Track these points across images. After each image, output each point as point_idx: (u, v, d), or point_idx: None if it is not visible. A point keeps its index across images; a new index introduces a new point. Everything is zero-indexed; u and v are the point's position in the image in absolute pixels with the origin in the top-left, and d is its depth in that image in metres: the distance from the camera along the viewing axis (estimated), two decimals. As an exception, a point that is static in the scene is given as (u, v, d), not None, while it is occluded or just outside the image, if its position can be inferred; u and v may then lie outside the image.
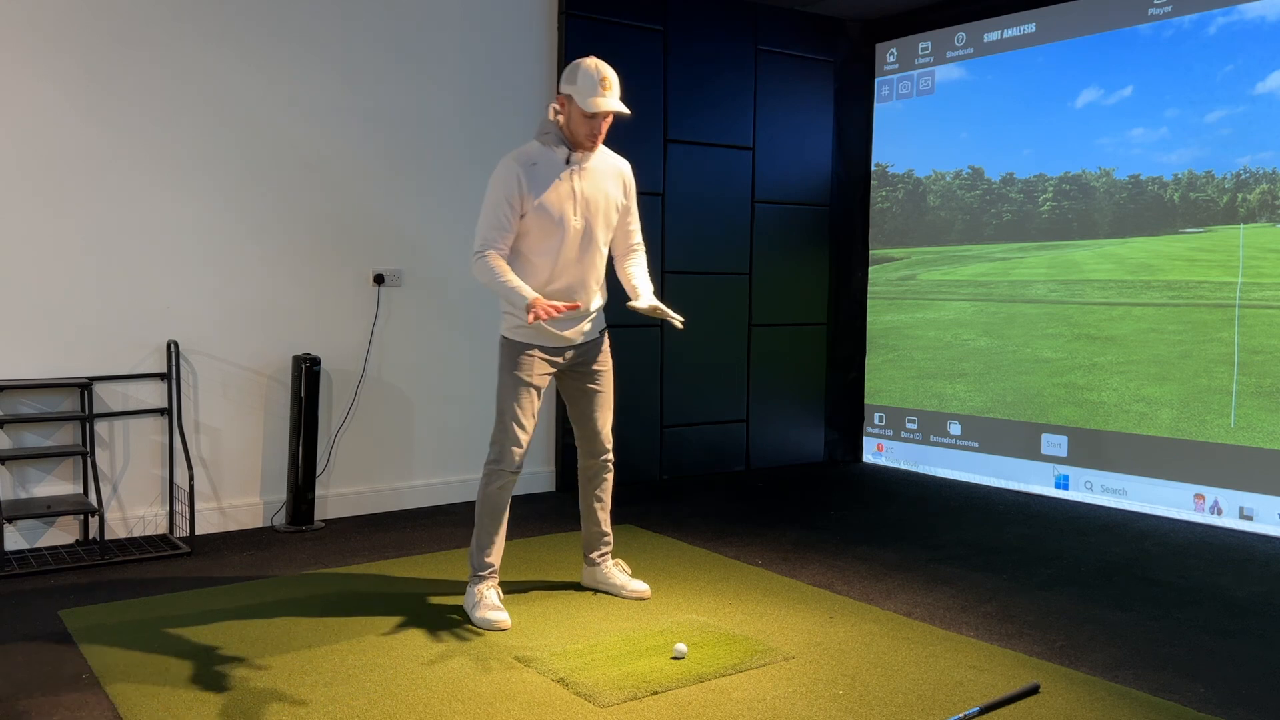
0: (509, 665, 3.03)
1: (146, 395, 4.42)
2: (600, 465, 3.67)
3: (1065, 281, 5.49)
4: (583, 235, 3.38)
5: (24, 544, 4.20)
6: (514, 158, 3.33)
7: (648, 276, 3.56)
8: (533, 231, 3.33)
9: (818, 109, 6.32)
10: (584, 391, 3.57)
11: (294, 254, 4.74)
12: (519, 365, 3.41)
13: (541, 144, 3.36)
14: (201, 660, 3.05)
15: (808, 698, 2.83)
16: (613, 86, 3.28)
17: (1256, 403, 4.71)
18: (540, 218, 3.31)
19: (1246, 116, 4.75)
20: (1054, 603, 3.68)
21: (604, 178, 3.43)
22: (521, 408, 3.41)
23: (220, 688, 2.85)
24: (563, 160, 3.34)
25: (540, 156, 3.34)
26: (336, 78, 4.78)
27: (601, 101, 3.25)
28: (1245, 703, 2.84)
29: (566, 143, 3.35)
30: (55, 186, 4.18)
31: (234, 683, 2.89)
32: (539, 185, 3.30)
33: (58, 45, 4.15)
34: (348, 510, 4.91)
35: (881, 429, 6.40)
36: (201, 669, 2.98)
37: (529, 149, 3.36)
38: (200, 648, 3.15)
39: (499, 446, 3.43)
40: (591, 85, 3.24)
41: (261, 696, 2.80)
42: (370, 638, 3.25)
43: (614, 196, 3.46)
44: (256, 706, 2.73)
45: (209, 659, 3.06)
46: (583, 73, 3.26)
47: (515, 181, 3.28)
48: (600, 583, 3.74)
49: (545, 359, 3.45)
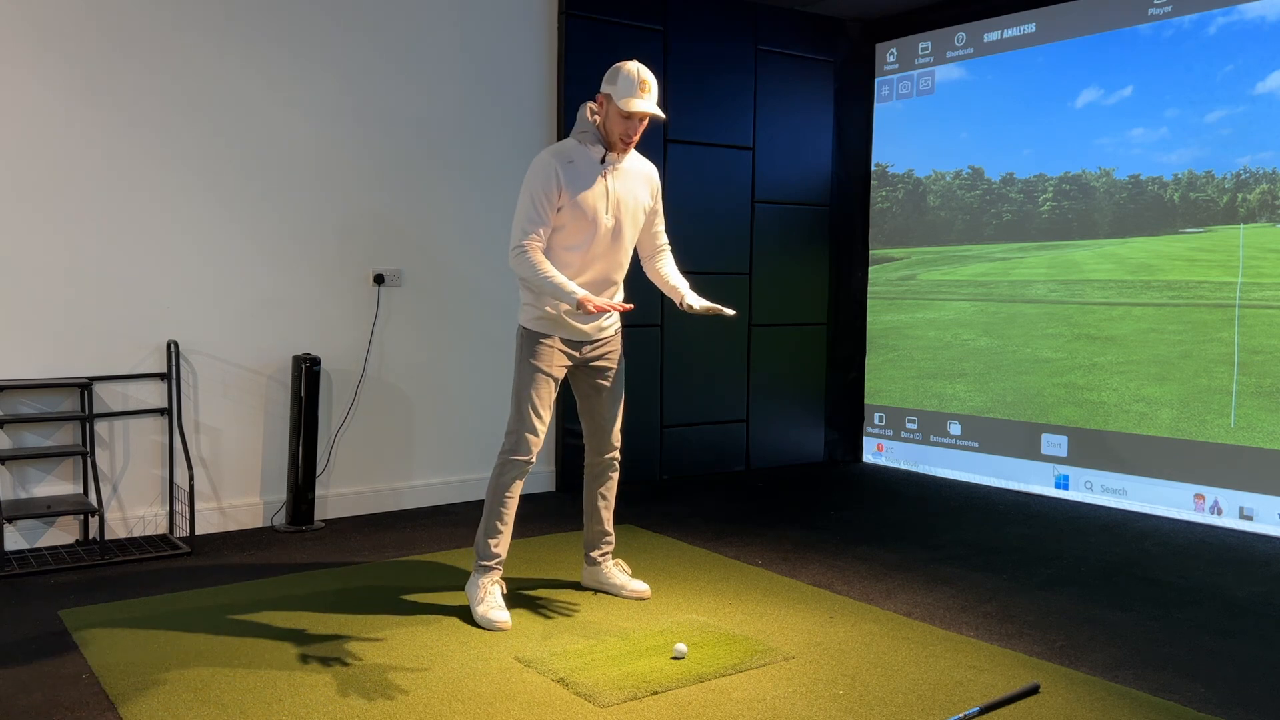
0: (509, 665, 3.03)
1: (146, 395, 4.42)
2: (607, 463, 3.68)
3: (1065, 281, 5.49)
4: (612, 233, 3.44)
5: (24, 544, 4.20)
6: (552, 153, 3.37)
7: (681, 276, 3.65)
8: (566, 227, 3.38)
9: (818, 109, 6.32)
10: (596, 388, 3.60)
11: (294, 254, 4.74)
12: (538, 355, 3.44)
13: (579, 142, 3.41)
14: (201, 660, 3.05)
15: (808, 698, 2.83)
16: (651, 90, 3.33)
17: (1256, 403, 4.71)
18: (574, 214, 3.36)
19: (1246, 116, 4.75)
20: (1054, 603, 3.68)
21: (634, 179, 3.49)
22: (539, 397, 3.44)
23: (220, 688, 2.85)
24: (598, 159, 3.39)
25: (577, 154, 3.38)
26: (337, 78, 4.78)
27: (638, 103, 3.30)
28: (1245, 703, 2.84)
29: (603, 142, 3.40)
30: (55, 187, 4.18)
31: (233, 683, 2.89)
32: (575, 181, 3.35)
33: (57, 46, 4.15)
34: (348, 510, 4.92)
35: (881, 429, 6.40)
36: (201, 669, 2.98)
37: (566, 146, 3.41)
38: (200, 648, 3.15)
39: (515, 436, 3.45)
40: (630, 87, 3.30)
41: (261, 696, 2.80)
42: (370, 638, 3.25)
43: (642, 199, 3.52)
44: (256, 706, 2.73)
45: (209, 659, 3.06)
46: (623, 75, 3.32)
47: (553, 176, 3.32)
48: (600, 583, 3.74)
49: (564, 351, 3.48)
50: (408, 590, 3.75)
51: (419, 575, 3.93)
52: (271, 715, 2.68)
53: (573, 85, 5.35)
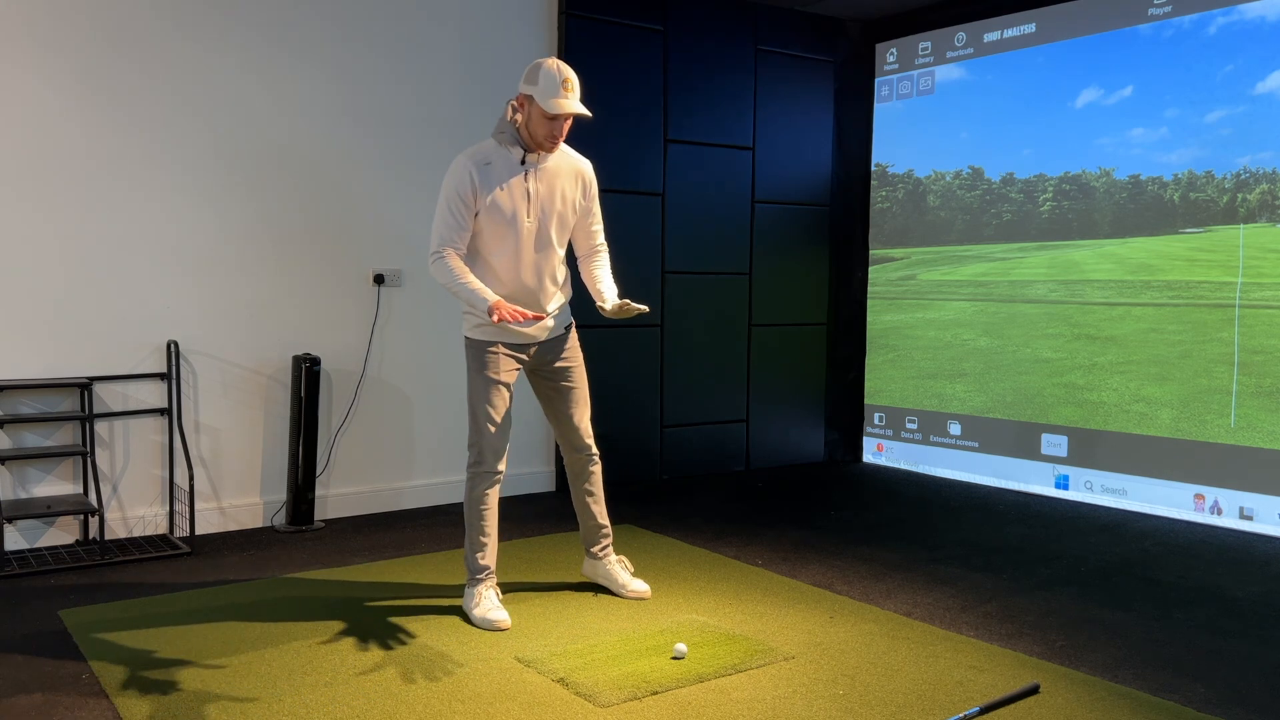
0: (509, 665, 3.03)
1: (146, 395, 4.42)
2: (584, 460, 3.66)
3: (1065, 281, 5.49)
4: (536, 236, 3.36)
5: (24, 544, 4.20)
6: (468, 156, 3.30)
7: (612, 279, 3.53)
8: (485, 231, 3.31)
9: (818, 109, 6.32)
10: (556, 389, 3.57)
11: (294, 254, 4.74)
12: (485, 364, 3.40)
13: (497, 143, 3.33)
14: (201, 660, 3.05)
15: (808, 698, 2.83)
16: (574, 88, 3.25)
17: (1256, 403, 4.71)
18: (492, 217, 3.29)
19: (1246, 116, 4.75)
20: (1054, 603, 3.68)
21: (561, 177, 3.40)
22: (493, 406, 3.40)
23: (220, 688, 2.85)
24: (518, 160, 3.32)
25: (495, 155, 3.31)
26: (336, 78, 4.78)
27: (564, 103, 3.22)
28: (1245, 703, 2.84)
29: (522, 143, 3.32)
30: (55, 187, 4.18)
31: (233, 683, 2.89)
32: (491, 184, 3.28)
33: (56, 47, 4.15)
34: (348, 510, 4.92)
35: (881, 429, 6.40)
36: (201, 669, 2.98)
37: (484, 147, 3.34)
38: (200, 648, 3.15)
39: (476, 449, 3.43)
40: (553, 86, 3.21)
41: (261, 697, 2.80)
42: (370, 638, 3.25)
43: (570, 196, 3.43)
44: (256, 707, 2.73)
45: (209, 659, 3.06)
46: (544, 73, 3.23)
47: (468, 179, 3.26)
48: (601, 576, 3.73)
49: (510, 355, 3.43)
50: (408, 590, 3.75)
51: (419, 575, 3.93)
52: (271, 715, 2.68)
53: (573, 85, 5.35)
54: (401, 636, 3.27)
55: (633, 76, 5.57)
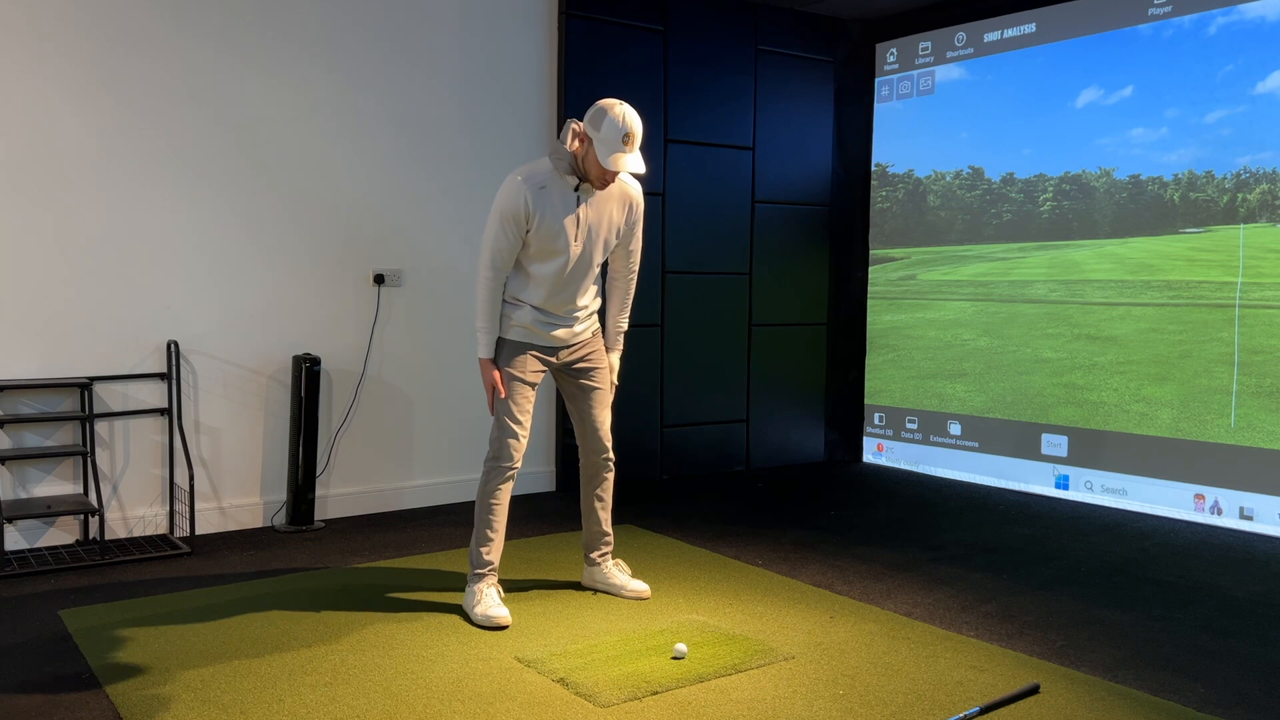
0: (509, 665, 3.03)
1: (146, 395, 4.42)
2: (600, 464, 3.69)
3: (1065, 281, 5.49)
4: (580, 258, 3.43)
5: (24, 544, 4.20)
6: (524, 177, 3.33)
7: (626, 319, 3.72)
8: (532, 248, 3.38)
9: (818, 109, 6.32)
10: (580, 389, 3.61)
11: (294, 254, 4.74)
12: (512, 362, 3.47)
13: (553, 166, 3.36)
14: (201, 660, 3.05)
15: (808, 698, 2.83)
16: (637, 141, 3.27)
17: (1256, 403, 4.71)
18: (541, 239, 3.36)
19: (1246, 116, 4.75)
20: (1054, 603, 3.68)
21: (611, 202, 3.47)
22: (516, 404, 3.45)
23: (220, 688, 2.85)
24: (571, 188, 3.36)
25: (550, 181, 3.34)
26: (336, 78, 4.78)
27: (623, 161, 3.24)
28: (1245, 703, 2.84)
29: (578, 172, 3.36)
30: (55, 187, 4.18)
31: (233, 683, 2.89)
32: (544, 209, 3.33)
33: (57, 46, 4.15)
34: (348, 510, 4.92)
35: (881, 429, 6.40)
36: (201, 669, 2.98)
37: (539, 169, 3.36)
38: (200, 648, 3.15)
39: (497, 443, 3.47)
40: (615, 140, 3.23)
41: (261, 697, 2.80)
42: (370, 638, 3.25)
43: (616, 222, 3.50)
44: (256, 706, 2.73)
45: (209, 659, 3.06)
46: (609, 121, 3.23)
47: (523, 202, 3.31)
48: (600, 583, 3.74)
49: (538, 357, 3.50)
50: (408, 590, 3.75)
51: (419, 575, 3.93)
52: (271, 715, 2.68)
53: (573, 85, 5.36)
54: (401, 636, 3.27)
55: (633, 76, 5.57)
